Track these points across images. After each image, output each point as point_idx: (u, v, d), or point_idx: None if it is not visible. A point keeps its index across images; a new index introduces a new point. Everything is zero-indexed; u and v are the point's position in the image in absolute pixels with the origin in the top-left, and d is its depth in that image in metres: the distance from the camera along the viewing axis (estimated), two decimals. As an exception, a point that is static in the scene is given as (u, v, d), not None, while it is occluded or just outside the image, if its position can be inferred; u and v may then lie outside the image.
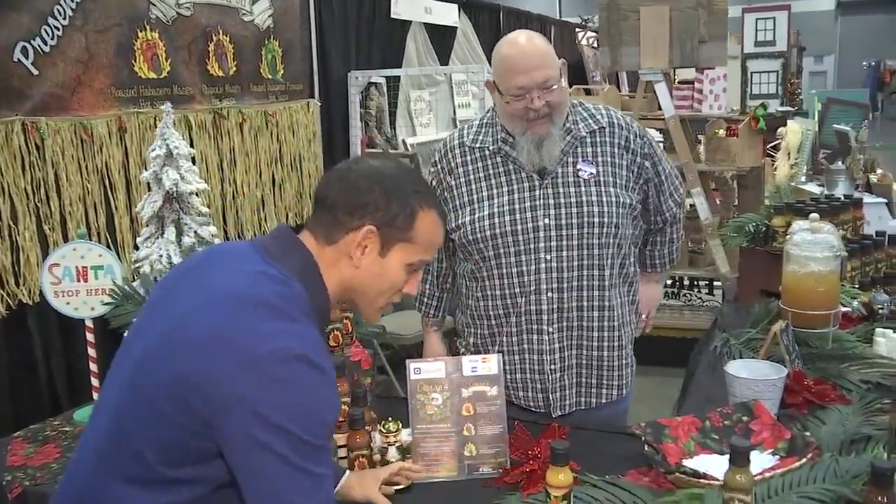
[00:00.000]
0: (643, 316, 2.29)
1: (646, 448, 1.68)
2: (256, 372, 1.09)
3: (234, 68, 3.92)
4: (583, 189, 2.02)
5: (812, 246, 2.24)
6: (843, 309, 2.34)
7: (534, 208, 2.00)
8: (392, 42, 5.43)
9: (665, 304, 4.48)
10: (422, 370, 1.77)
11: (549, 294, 2.00)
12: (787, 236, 2.40)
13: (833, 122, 5.57)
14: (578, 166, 2.04)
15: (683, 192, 2.28)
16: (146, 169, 2.49)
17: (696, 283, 4.36)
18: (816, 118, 5.80)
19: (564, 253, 2.00)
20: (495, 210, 2.02)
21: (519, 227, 1.99)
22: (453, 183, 2.10)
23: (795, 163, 5.57)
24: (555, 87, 1.95)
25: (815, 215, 2.42)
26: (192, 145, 3.62)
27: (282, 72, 4.28)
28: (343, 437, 1.75)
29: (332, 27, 4.69)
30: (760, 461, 1.70)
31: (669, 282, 4.38)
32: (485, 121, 2.14)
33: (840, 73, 19.10)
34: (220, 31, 3.81)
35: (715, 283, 4.32)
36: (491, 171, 2.06)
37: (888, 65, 18.82)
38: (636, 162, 2.09)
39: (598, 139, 2.07)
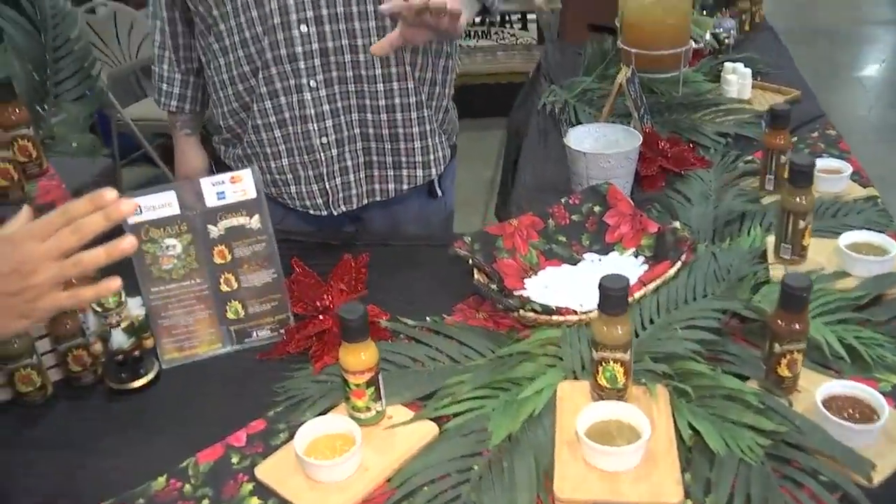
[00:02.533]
0: None
1: (476, 277, 1.22)
2: None
3: None
4: None
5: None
6: (697, 47, 1.92)
7: None
8: None
9: (474, 46, 3.94)
10: (143, 207, 1.18)
11: (303, 28, 1.37)
12: (625, -46, 1.89)
13: None
14: None
15: None
16: None
17: (506, 17, 3.82)
18: None
19: None
20: None
21: None
22: None
23: None
24: None
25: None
26: None
27: None
28: (44, 327, 1.17)
29: None
30: (622, 266, 1.30)
31: (477, 20, 3.80)
32: None
33: None
34: None
35: (529, 17, 3.82)
36: None
37: None
38: None
39: None
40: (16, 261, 0.78)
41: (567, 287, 1.26)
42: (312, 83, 1.40)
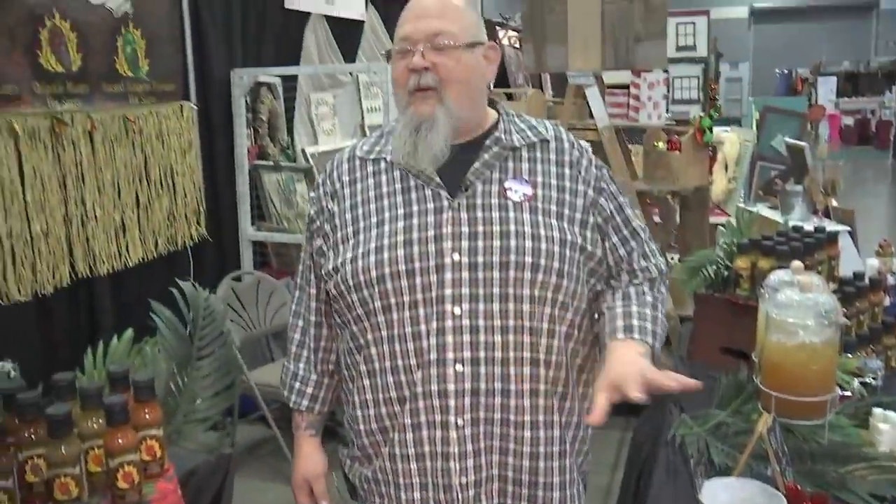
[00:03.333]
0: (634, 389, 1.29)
1: None
2: None
3: (79, 62, 3.18)
4: (512, 215, 1.43)
5: (802, 310, 1.69)
6: (844, 394, 1.81)
7: (439, 238, 1.40)
8: (287, 36, 4.75)
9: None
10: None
11: (458, 367, 1.38)
12: (764, 291, 1.86)
13: (769, 132, 5.18)
14: (507, 184, 1.45)
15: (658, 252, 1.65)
16: None
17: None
18: (754, 128, 5.41)
19: (481, 306, 1.39)
20: (385, 242, 1.42)
21: (416, 266, 1.39)
22: (336, 209, 1.51)
23: (734, 177, 5.15)
24: (450, 46, 1.42)
25: (798, 264, 1.88)
26: (20, 159, 2.89)
27: (146, 68, 3.55)
28: None
29: (210, 17, 3.98)
30: None
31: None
32: (387, 130, 1.57)
33: (755, 80, 19.41)
34: (57, 15, 3.07)
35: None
36: (385, 189, 1.48)
37: (799, 73, 19.13)
38: (589, 196, 1.50)
39: (537, 154, 1.50)
40: None
41: None
42: (459, 421, 1.39)
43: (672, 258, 3.80)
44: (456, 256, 1.39)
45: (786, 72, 19.33)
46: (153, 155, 3.57)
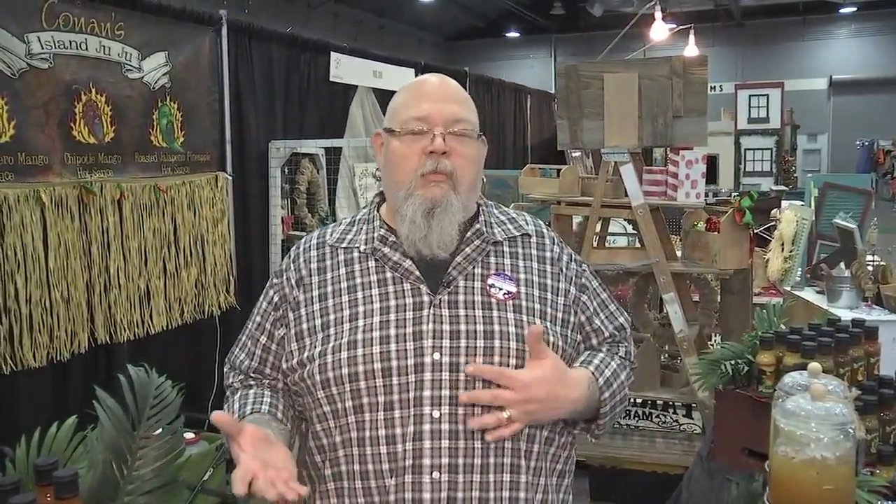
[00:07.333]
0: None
1: None
2: None
3: (112, 134, 3.25)
4: (496, 314, 1.33)
5: (815, 422, 1.51)
6: (862, 519, 1.60)
7: (418, 336, 1.30)
8: (333, 108, 4.80)
9: (632, 425, 3.71)
10: None
11: (435, 475, 1.27)
12: (777, 395, 1.68)
13: (831, 209, 4.93)
14: (490, 280, 1.37)
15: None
16: None
17: (670, 405, 3.61)
18: (813, 206, 5.17)
19: (461, 411, 1.28)
20: (358, 337, 1.31)
21: (394, 364, 1.29)
22: (301, 298, 1.40)
23: (790, 256, 4.90)
24: (469, 135, 1.39)
25: (815, 366, 1.69)
26: (44, 226, 2.94)
27: (181, 140, 3.61)
28: None
29: (251, 90, 4.05)
30: None
31: (639, 400, 3.62)
32: (358, 217, 1.49)
33: (833, 152, 18.89)
34: (94, 90, 3.15)
35: (693, 404, 3.59)
36: (359, 281, 1.37)
37: (881, 145, 18.52)
38: (571, 294, 1.44)
39: (519, 250, 1.43)
40: None
41: None
42: None
43: (713, 342, 3.59)
44: (437, 356, 1.29)
45: (866, 143, 18.76)
46: (184, 224, 3.59)
